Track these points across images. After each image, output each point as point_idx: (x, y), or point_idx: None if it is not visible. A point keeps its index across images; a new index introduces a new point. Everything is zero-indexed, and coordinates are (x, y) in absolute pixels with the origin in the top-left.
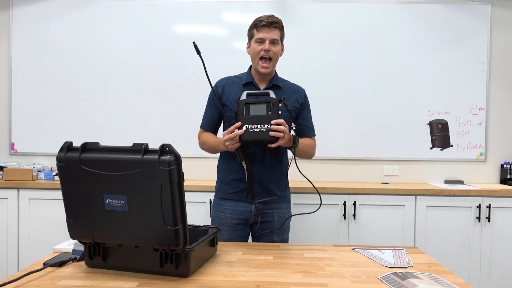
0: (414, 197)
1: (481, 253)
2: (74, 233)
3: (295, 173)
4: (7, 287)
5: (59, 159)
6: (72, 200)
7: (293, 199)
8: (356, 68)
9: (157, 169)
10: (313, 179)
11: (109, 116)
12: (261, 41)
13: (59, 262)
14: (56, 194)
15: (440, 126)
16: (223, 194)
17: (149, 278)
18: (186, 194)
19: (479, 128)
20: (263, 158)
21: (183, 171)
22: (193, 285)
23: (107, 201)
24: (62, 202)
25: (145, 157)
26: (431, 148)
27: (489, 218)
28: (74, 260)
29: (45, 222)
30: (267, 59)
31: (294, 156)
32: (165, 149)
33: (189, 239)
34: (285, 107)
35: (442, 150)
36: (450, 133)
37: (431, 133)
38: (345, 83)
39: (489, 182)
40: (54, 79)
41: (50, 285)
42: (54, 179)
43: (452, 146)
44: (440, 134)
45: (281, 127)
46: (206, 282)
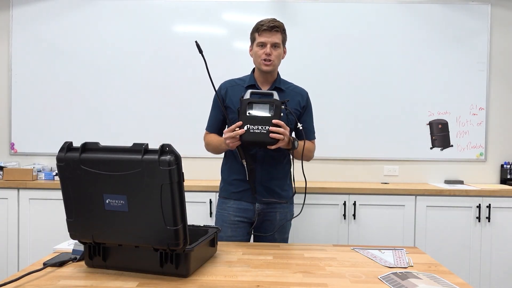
0: (414, 197)
1: (481, 253)
2: (74, 233)
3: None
4: (7, 287)
5: (59, 159)
6: (72, 200)
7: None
8: (356, 68)
9: (157, 169)
10: (313, 179)
11: (109, 116)
12: (262, 44)
13: (59, 262)
14: (56, 194)
15: (440, 126)
16: (226, 194)
17: (149, 278)
18: (186, 194)
19: (479, 128)
20: (264, 158)
21: (183, 171)
22: (193, 285)
23: (107, 201)
24: (62, 202)
25: (145, 157)
26: (431, 148)
27: (489, 218)
28: (74, 260)
29: (45, 222)
30: (269, 61)
31: (292, 157)
32: (165, 149)
33: (189, 239)
34: (287, 109)
35: (442, 150)
36: (450, 133)
37: (431, 133)
38: (345, 83)
39: (489, 182)
40: (54, 79)
41: (50, 285)
42: (54, 179)
43: (452, 146)
44: (440, 134)
45: (281, 129)
46: (206, 282)
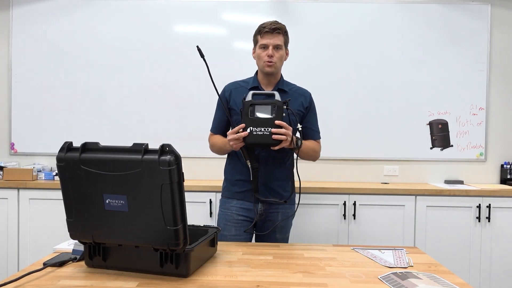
0: (414, 197)
1: (481, 253)
2: (74, 233)
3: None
4: (7, 287)
5: (59, 159)
6: (72, 200)
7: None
8: (355, 68)
9: (157, 169)
10: (313, 179)
11: (109, 116)
12: (264, 46)
13: (59, 262)
14: (56, 194)
15: (440, 126)
16: (229, 194)
17: (149, 278)
18: (186, 194)
19: (479, 128)
20: (267, 159)
21: (183, 171)
22: (193, 285)
23: (107, 201)
24: (62, 202)
25: (145, 157)
26: (431, 148)
27: (489, 218)
28: (74, 260)
29: (45, 222)
30: (271, 63)
31: (297, 157)
32: (165, 149)
33: (189, 239)
34: (289, 109)
35: (442, 150)
36: (450, 133)
37: (431, 133)
38: (345, 83)
39: (489, 182)
40: (54, 79)
41: (50, 285)
42: (54, 179)
43: (452, 146)
44: (440, 134)
45: (283, 130)
46: (206, 282)
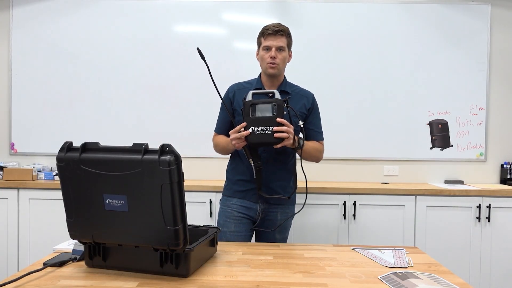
0: (414, 197)
1: (481, 253)
2: (74, 233)
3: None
4: (7, 287)
5: (59, 159)
6: (72, 200)
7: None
8: (355, 68)
9: (157, 169)
10: (313, 179)
11: (109, 116)
12: (268, 48)
13: (59, 262)
14: (56, 194)
15: (440, 126)
16: (230, 192)
17: (149, 278)
18: (186, 194)
19: (479, 128)
20: (268, 160)
21: (183, 171)
22: (193, 285)
23: (107, 201)
24: (62, 202)
25: (145, 157)
26: (431, 148)
27: (489, 218)
28: (74, 260)
29: (45, 222)
30: (274, 64)
31: (301, 157)
32: (165, 149)
33: (189, 239)
34: (289, 107)
35: (442, 150)
36: (450, 133)
37: (431, 133)
38: (345, 83)
39: (489, 182)
40: (54, 79)
41: (50, 285)
42: (54, 179)
43: (452, 146)
44: (440, 134)
45: (284, 128)
46: (206, 282)
